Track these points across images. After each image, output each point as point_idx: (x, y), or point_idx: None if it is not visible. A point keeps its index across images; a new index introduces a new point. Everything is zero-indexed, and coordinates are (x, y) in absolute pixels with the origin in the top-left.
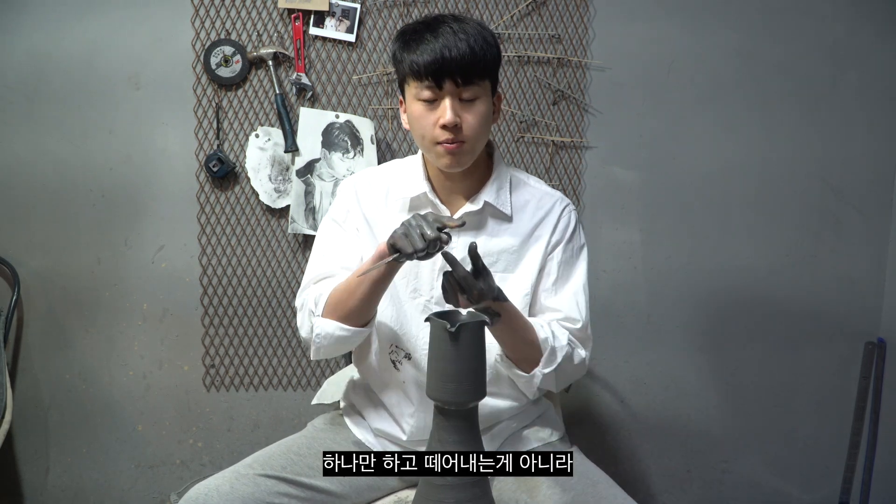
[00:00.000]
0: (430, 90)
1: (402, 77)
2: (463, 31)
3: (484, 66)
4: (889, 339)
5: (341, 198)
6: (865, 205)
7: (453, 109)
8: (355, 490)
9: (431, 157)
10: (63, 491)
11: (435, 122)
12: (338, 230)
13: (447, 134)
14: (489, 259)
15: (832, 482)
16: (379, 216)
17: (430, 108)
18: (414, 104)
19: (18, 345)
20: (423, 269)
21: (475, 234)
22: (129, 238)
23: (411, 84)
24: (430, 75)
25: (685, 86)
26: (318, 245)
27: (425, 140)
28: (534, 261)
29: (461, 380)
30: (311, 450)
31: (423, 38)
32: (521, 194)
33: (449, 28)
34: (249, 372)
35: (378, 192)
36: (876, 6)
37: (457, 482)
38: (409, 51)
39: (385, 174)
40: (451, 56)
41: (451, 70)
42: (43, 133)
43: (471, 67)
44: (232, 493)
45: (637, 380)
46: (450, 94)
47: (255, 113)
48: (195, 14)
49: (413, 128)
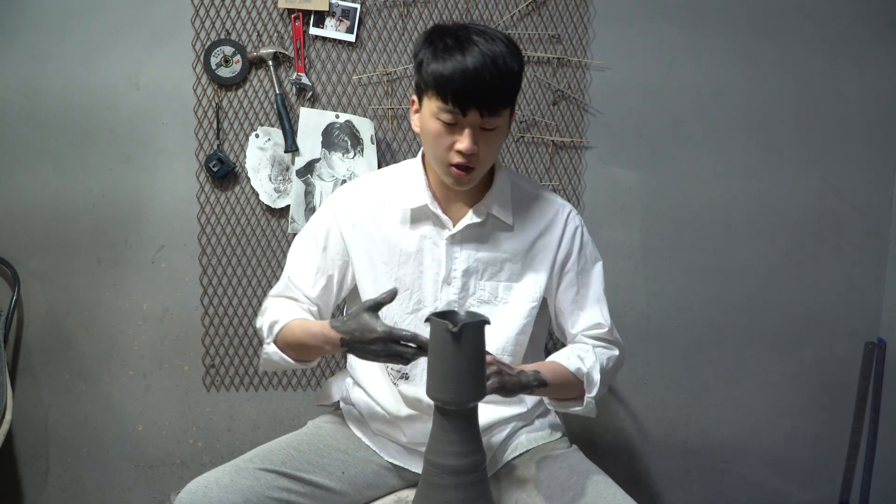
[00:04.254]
0: (452, 115)
1: (422, 84)
2: (492, 53)
3: (511, 97)
4: (889, 339)
5: (325, 216)
6: (865, 205)
7: (472, 139)
8: (354, 487)
9: (439, 171)
10: (63, 491)
11: (451, 146)
12: (310, 248)
13: (461, 159)
14: (494, 269)
15: (832, 482)
16: (375, 228)
17: (448, 130)
18: (431, 120)
19: (18, 345)
20: (426, 280)
21: (477, 245)
22: (128, 238)
23: (432, 98)
24: (455, 102)
25: (685, 86)
26: (291, 258)
27: (437, 158)
28: (541, 270)
29: (461, 380)
30: (312, 446)
31: (453, 53)
32: (522, 202)
33: (479, 50)
34: (249, 372)
35: (374, 202)
36: (876, 6)
37: (457, 482)
38: (437, 61)
39: (381, 183)
40: (480, 89)
41: (478, 102)
42: (43, 132)
43: (498, 100)
44: (232, 485)
45: (637, 380)
46: (471, 124)
47: (255, 113)
48: (195, 14)
49: (425, 140)
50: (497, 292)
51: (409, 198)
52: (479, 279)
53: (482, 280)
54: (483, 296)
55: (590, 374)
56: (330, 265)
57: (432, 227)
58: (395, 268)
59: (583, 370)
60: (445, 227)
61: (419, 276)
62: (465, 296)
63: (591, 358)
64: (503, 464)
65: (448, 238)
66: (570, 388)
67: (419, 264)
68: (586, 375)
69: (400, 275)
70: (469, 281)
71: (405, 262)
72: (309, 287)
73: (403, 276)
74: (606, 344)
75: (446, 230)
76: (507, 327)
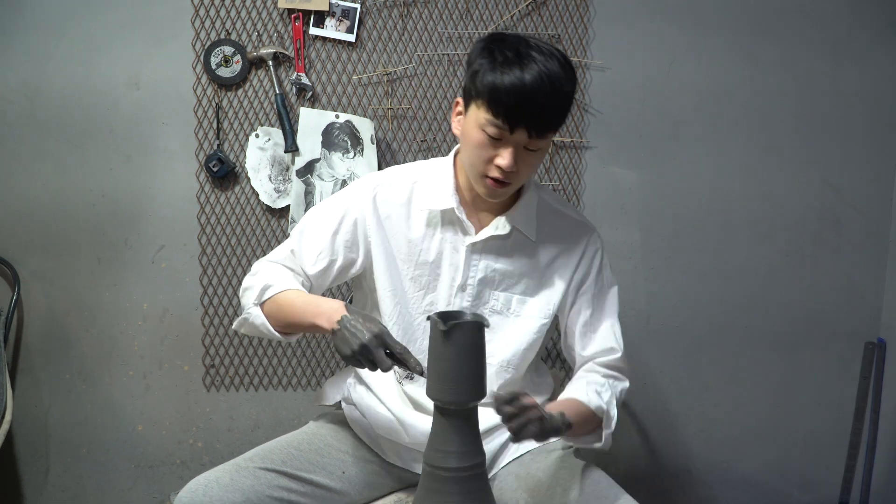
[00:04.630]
0: (499, 130)
1: (473, 91)
2: (549, 73)
3: (562, 120)
4: (889, 339)
5: (347, 202)
6: (865, 205)
7: (514, 157)
8: (354, 487)
9: (473, 179)
10: (63, 491)
11: (490, 160)
12: (322, 227)
13: (499, 174)
14: (510, 281)
15: (832, 482)
16: (398, 224)
17: (492, 143)
18: (476, 130)
19: (18, 345)
20: (442, 283)
21: (497, 256)
22: (129, 238)
23: (481, 108)
24: (505, 118)
25: (685, 86)
26: (300, 230)
27: (474, 167)
28: (556, 288)
29: (460, 380)
30: (312, 446)
31: (512, 67)
32: (546, 217)
33: (537, 68)
34: (249, 372)
35: (400, 197)
36: (876, 6)
37: (457, 482)
38: (494, 72)
39: (410, 178)
40: (533, 109)
41: (529, 121)
42: (43, 132)
43: (549, 122)
44: (232, 484)
45: (637, 380)
46: (516, 142)
47: (255, 113)
48: (195, 14)
49: (464, 147)
50: (510, 304)
51: (435, 199)
52: (494, 289)
53: (497, 290)
54: (496, 306)
55: (609, 410)
56: (336, 251)
57: (455, 231)
58: (412, 266)
59: (603, 407)
60: (468, 233)
61: (435, 279)
62: (479, 304)
63: (607, 393)
64: (503, 465)
65: (469, 245)
66: (588, 424)
67: (437, 267)
68: (605, 413)
69: (416, 274)
70: (484, 290)
71: (423, 263)
72: (310, 265)
73: (419, 275)
74: (617, 373)
75: (468, 237)
76: (516, 340)
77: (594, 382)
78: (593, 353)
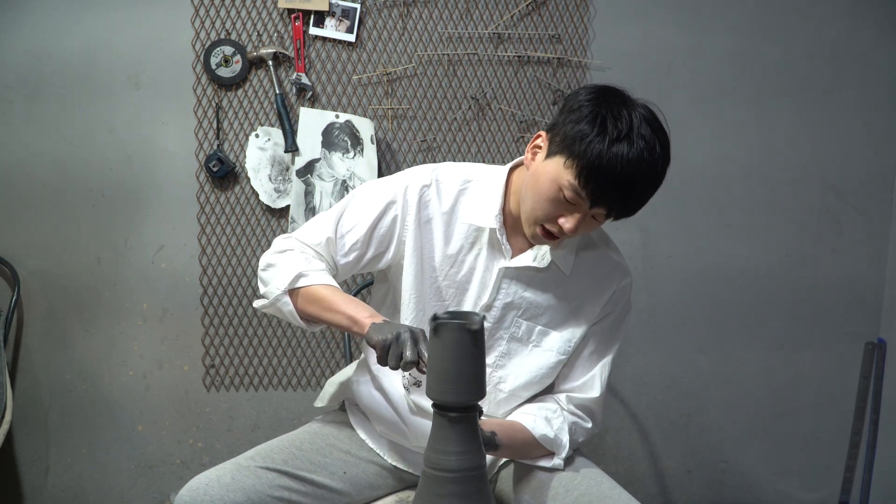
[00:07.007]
0: (579, 198)
1: (567, 144)
2: (651, 158)
3: (643, 206)
4: (889, 339)
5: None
6: (865, 205)
7: (578, 225)
8: (355, 487)
9: (525, 223)
10: (63, 491)
11: (554, 216)
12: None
13: (556, 230)
14: (536, 310)
15: (832, 482)
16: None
17: (563, 203)
18: (551, 184)
19: (18, 345)
20: (468, 298)
21: (527, 285)
22: (129, 238)
23: (568, 168)
24: (590, 194)
25: (685, 86)
26: (338, 214)
27: (531, 214)
28: (579, 325)
29: (459, 381)
30: (313, 445)
31: (620, 143)
32: (585, 252)
33: (639, 150)
34: (249, 372)
35: (444, 205)
36: (876, 6)
37: (457, 483)
38: (598, 142)
39: (459, 184)
40: (623, 195)
41: (612, 205)
42: (43, 133)
43: (634, 209)
44: (233, 483)
45: (637, 380)
46: (587, 212)
47: (255, 113)
48: (195, 14)
49: (531, 191)
50: (532, 334)
51: (479, 215)
52: (518, 315)
53: (521, 318)
54: (517, 333)
55: (557, 438)
56: (370, 245)
57: (491, 250)
58: (441, 276)
59: (549, 436)
60: (504, 256)
61: (462, 293)
62: (499, 327)
63: (558, 419)
64: (504, 466)
65: (502, 268)
66: (533, 451)
67: (466, 282)
68: (552, 441)
69: (444, 285)
70: (507, 314)
71: (453, 276)
72: (341, 255)
73: (447, 286)
74: (583, 414)
75: (503, 259)
76: (529, 371)
77: (547, 409)
78: (570, 387)
